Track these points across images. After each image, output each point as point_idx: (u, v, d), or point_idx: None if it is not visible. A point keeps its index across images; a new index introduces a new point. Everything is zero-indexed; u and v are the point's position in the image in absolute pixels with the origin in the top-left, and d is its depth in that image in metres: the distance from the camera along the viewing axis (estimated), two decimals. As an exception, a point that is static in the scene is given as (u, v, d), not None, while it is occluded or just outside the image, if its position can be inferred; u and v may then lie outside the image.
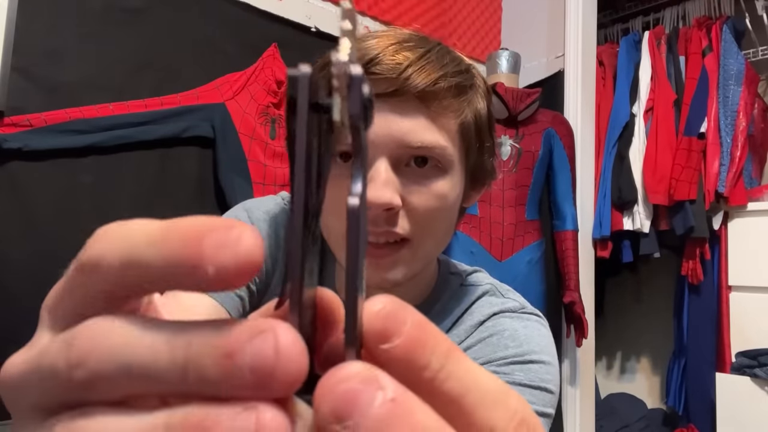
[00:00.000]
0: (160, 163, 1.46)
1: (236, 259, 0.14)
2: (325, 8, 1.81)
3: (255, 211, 0.66)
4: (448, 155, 0.54)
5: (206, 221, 0.15)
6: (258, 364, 0.13)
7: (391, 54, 0.52)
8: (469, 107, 0.56)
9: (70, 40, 1.34)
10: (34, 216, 1.28)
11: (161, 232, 0.15)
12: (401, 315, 0.15)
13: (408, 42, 0.54)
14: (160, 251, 0.14)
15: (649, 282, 2.75)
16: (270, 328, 0.14)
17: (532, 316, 0.65)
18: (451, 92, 0.54)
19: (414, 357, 0.15)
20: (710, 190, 2.14)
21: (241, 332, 0.14)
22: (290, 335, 0.14)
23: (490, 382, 0.16)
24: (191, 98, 1.49)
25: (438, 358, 0.15)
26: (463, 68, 0.56)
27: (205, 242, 0.14)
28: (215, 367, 0.14)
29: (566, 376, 2.07)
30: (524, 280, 1.82)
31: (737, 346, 2.10)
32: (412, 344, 0.15)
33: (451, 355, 0.15)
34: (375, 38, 0.54)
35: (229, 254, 0.14)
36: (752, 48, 2.40)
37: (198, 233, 0.14)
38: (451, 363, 0.15)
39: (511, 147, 1.90)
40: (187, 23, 1.52)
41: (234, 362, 0.13)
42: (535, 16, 2.34)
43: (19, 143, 1.24)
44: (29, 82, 1.28)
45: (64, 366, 0.15)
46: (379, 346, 0.15)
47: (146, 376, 0.14)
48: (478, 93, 0.58)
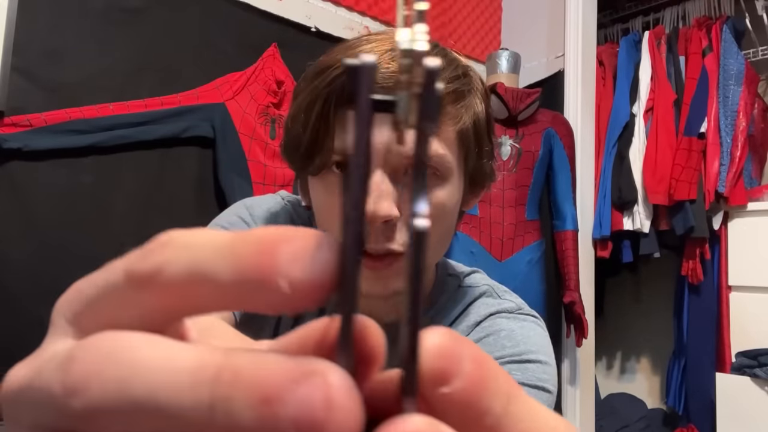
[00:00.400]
0: (160, 163, 1.46)
1: (314, 272, 0.12)
2: (325, 8, 1.81)
3: (256, 209, 0.66)
4: (447, 163, 0.54)
5: (281, 230, 0.13)
6: (304, 417, 0.11)
7: (388, 61, 0.51)
8: (467, 112, 0.55)
9: (70, 40, 1.34)
10: (34, 216, 1.28)
11: (231, 242, 0.13)
12: (459, 351, 0.13)
13: None
14: (230, 262, 0.13)
15: (649, 282, 2.75)
16: (318, 370, 0.12)
17: (529, 316, 0.65)
18: (449, 99, 0.53)
19: (475, 401, 0.13)
20: (710, 190, 2.14)
21: (284, 373, 0.11)
22: (344, 382, 0.12)
23: (554, 421, 0.14)
24: (191, 98, 1.49)
25: (500, 399, 0.13)
26: (460, 72, 0.55)
27: (280, 252, 0.12)
28: (250, 413, 0.11)
29: (566, 376, 2.07)
30: (524, 280, 1.82)
31: (737, 346, 2.10)
32: (473, 386, 0.13)
33: (514, 395, 0.13)
34: (370, 43, 0.53)
35: (308, 267, 0.12)
36: (752, 48, 2.40)
37: (272, 242, 0.13)
38: (515, 405, 0.13)
39: (511, 147, 1.90)
40: (187, 23, 1.52)
41: (273, 411, 0.11)
42: (535, 16, 2.34)
43: (19, 143, 1.24)
44: (29, 82, 1.28)
45: (59, 391, 0.13)
46: (436, 389, 0.13)
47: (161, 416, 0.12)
48: (476, 97, 0.57)
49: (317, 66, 0.54)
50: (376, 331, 0.14)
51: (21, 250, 1.26)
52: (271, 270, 0.12)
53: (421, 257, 0.13)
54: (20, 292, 1.25)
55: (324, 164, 0.54)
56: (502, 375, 0.13)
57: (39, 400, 0.13)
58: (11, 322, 1.24)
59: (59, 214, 1.31)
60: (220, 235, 0.13)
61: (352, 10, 1.90)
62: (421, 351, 0.13)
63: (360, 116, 0.13)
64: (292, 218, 0.67)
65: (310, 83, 0.54)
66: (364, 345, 0.14)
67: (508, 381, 0.13)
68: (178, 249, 0.13)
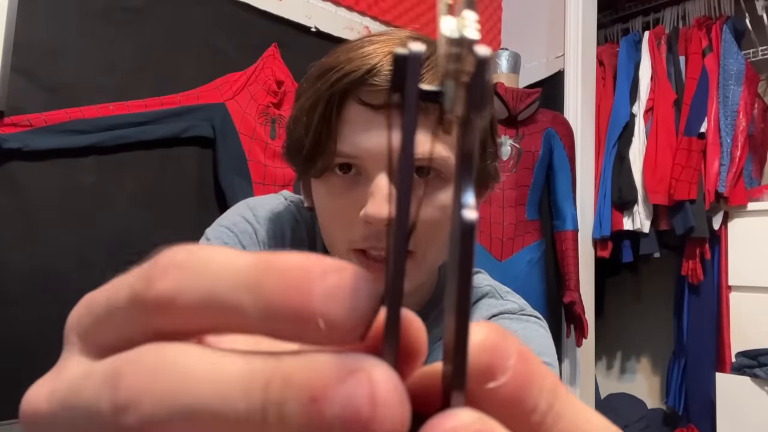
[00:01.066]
0: (160, 163, 1.46)
1: (354, 311, 0.12)
2: (325, 8, 1.81)
3: (260, 210, 0.66)
4: (450, 165, 0.53)
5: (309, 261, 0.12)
6: (350, 415, 0.11)
7: (390, 63, 0.51)
8: None
9: (70, 40, 1.34)
10: (34, 216, 1.28)
11: (256, 272, 0.12)
12: (504, 346, 0.13)
13: None
14: (257, 296, 0.12)
15: (649, 282, 2.74)
16: (363, 367, 0.11)
17: (532, 317, 0.65)
18: None
19: (522, 397, 0.13)
20: (710, 190, 2.14)
21: (331, 371, 0.11)
22: (389, 379, 0.11)
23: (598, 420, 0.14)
24: (191, 98, 1.49)
25: (547, 396, 0.13)
26: None
27: (314, 290, 0.12)
28: (300, 414, 0.11)
29: (566, 376, 2.07)
30: (524, 280, 1.82)
31: (737, 346, 2.10)
32: (519, 382, 0.13)
33: (558, 391, 0.13)
34: (372, 44, 0.52)
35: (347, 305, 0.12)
36: (752, 48, 2.40)
37: (304, 277, 0.12)
38: (560, 402, 0.13)
39: (511, 147, 1.90)
40: (187, 23, 1.52)
41: (321, 410, 0.11)
42: (535, 16, 2.34)
43: (19, 143, 1.24)
44: (29, 82, 1.28)
45: (109, 408, 0.12)
46: (482, 385, 0.12)
47: (215, 422, 0.12)
48: None
49: (319, 68, 0.54)
50: (419, 325, 0.14)
51: (21, 251, 1.26)
52: (306, 308, 0.12)
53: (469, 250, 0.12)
54: (20, 292, 1.25)
55: (326, 167, 0.53)
56: (547, 372, 0.13)
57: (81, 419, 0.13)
58: (11, 322, 1.23)
59: (59, 214, 1.31)
60: (238, 261, 0.13)
61: (352, 10, 1.90)
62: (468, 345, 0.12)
63: (408, 106, 0.13)
64: (295, 219, 0.67)
65: (312, 85, 0.54)
66: (409, 339, 0.14)
67: (553, 378, 0.13)
68: (191, 274, 0.13)
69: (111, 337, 0.14)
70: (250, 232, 0.63)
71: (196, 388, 0.12)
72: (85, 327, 0.15)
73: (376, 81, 0.50)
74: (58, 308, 1.35)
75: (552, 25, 2.27)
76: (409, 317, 0.14)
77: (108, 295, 0.14)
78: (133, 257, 0.76)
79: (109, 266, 1.35)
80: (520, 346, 0.13)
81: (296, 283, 0.12)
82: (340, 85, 0.51)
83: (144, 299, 0.13)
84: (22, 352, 1.23)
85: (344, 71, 0.51)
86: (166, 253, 0.13)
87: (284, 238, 0.65)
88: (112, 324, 0.14)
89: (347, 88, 0.51)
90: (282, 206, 0.68)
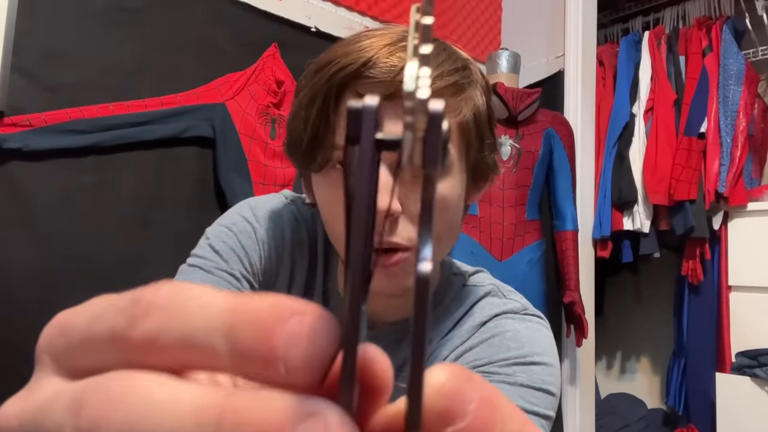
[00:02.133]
0: (160, 163, 1.46)
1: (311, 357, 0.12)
2: (325, 8, 1.81)
3: (260, 209, 0.66)
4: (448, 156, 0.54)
5: (278, 305, 0.13)
6: None
7: (386, 56, 0.51)
8: (467, 105, 0.55)
9: (70, 40, 1.33)
10: (34, 216, 1.28)
11: (230, 316, 0.13)
12: (465, 390, 0.13)
13: (403, 42, 0.52)
14: (227, 341, 0.13)
15: (649, 282, 2.74)
16: (319, 411, 0.12)
17: (534, 317, 0.65)
18: (449, 91, 0.53)
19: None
20: (710, 190, 2.14)
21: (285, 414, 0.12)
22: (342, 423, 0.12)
23: None
24: (191, 98, 1.49)
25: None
26: (460, 65, 0.55)
27: (277, 336, 0.12)
28: None
29: (566, 376, 2.07)
30: (524, 280, 1.82)
31: (737, 346, 2.10)
32: (479, 427, 0.12)
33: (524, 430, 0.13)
34: (368, 38, 0.53)
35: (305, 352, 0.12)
36: (752, 48, 2.40)
37: (270, 323, 0.12)
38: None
39: (511, 147, 1.90)
40: (187, 23, 1.52)
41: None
42: (535, 16, 2.34)
43: (19, 143, 1.24)
44: (29, 82, 1.28)
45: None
46: (441, 429, 0.12)
47: None
48: (477, 89, 0.56)
49: (317, 63, 0.55)
50: (383, 363, 0.14)
51: (21, 251, 1.26)
52: (269, 355, 0.12)
53: (424, 299, 0.13)
54: (20, 292, 1.24)
55: (326, 160, 0.54)
56: (513, 415, 0.13)
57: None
58: (11, 322, 1.23)
59: (59, 215, 1.31)
60: (214, 304, 0.13)
61: (352, 10, 1.90)
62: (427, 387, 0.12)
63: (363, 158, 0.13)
64: (295, 218, 0.67)
65: (309, 80, 0.54)
66: (371, 377, 0.14)
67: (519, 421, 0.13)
68: (171, 316, 0.13)
69: (84, 363, 0.14)
70: (249, 231, 0.63)
71: (153, 419, 0.12)
72: (58, 350, 0.15)
73: (371, 73, 0.50)
74: (57, 309, 1.35)
75: (552, 25, 2.27)
76: (371, 355, 0.14)
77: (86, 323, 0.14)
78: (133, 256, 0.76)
79: (110, 266, 1.35)
80: (486, 389, 0.13)
81: (262, 328, 0.12)
82: (337, 79, 0.51)
83: (125, 337, 0.14)
84: (22, 353, 1.23)
85: (341, 65, 0.51)
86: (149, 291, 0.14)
87: (284, 237, 0.65)
88: (87, 352, 0.14)
89: (344, 81, 0.51)
90: (282, 205, 0.68)
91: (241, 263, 0.61)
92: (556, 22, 2.25)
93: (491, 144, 0.59)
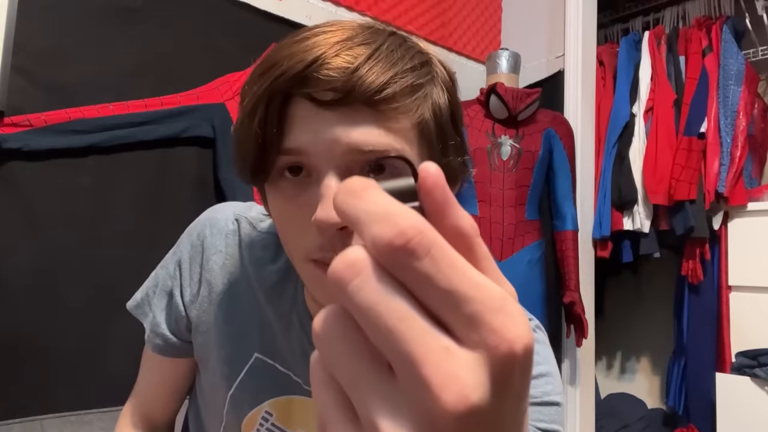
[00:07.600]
0: (160, 163, 1.46)
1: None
2: (325, 8, 1.81)
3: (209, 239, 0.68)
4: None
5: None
6: None
7: (335, 54, 0.46)
8: (425, 103, 0.50)
9: (70, 40, 1.33)
10: (34, 216, 1.28)
11: None
12: None
13: (355, 38, 0.48)
14: None
15: (649, 282, 2.75)
16: None
17: (531, 323, 0.64)
18: (404, 92, 0.48)
19: None
20: (710, 190, 2.14)
21: None
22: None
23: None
24: (191, 98, 1.49)
25: None
26: (417, 63, 0.49)
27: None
28: None
29: (566, 376, 2.07)
30: (524, 280, 1.82)
31: (737, 346, 2.10)
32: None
33: None
34: (315, 36, 0.48)
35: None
36: (752, 48, 2.40)
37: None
38: None
39: (511, 147, 1.90)
40: (187, 23, 1.52)
41: None
42: (535, 16, 2.34)
43: (19, 143, 1.24)
44: (29, 82, 1.28)
45: None
46: None
47: None
48: (436, 87, 0.51)
49: (261, 66, 0.50)
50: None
51: (21, 251, 1.26)
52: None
53: None
54: (20, 292, 1.24)
55: (273, 168, 0.50)
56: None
57: None
58: (11, 322, 1.23)
59: (59, 215, 1.31)
60: None
61: (352, 10, 1.90)
62: None
63: None
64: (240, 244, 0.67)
65: (252, 86, 0.50)
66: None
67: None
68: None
69: None
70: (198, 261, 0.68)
71: None
72: None
73: (320, 75, 0.46)
74: (57, 309, 1.35)
75: (552, 25, 2.27)
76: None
77: None
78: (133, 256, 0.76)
79: (110, 266, 1.35)
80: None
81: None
82: (280, 84, 0.47)
83: None
84: (22, 352, 1.23)
85: (283, 68, 0.47)
86: None
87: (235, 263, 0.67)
88: None
89: (289, 85, 0.47)
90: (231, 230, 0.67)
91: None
92: (556, 22, 2.25)
93: (456, 146, 0.53)
